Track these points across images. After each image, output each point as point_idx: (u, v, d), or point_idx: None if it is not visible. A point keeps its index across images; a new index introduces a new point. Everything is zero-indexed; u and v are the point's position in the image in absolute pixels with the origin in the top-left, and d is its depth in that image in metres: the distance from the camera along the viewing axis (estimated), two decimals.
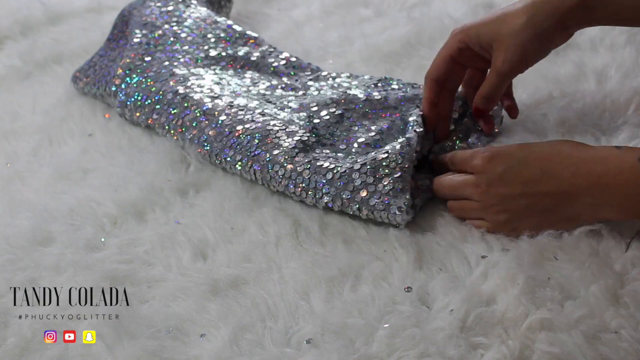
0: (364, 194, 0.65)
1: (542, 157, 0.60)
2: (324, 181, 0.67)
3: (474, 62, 0.71)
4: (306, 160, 0.69)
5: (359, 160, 0.67)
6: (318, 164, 0.68)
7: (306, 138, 0.72)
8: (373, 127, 0.75)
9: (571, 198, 0.58)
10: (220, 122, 0.75)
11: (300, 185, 0.68)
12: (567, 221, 0.59)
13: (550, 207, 0.59)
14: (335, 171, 0.67)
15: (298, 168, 0.69)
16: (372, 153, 0.68)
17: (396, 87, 0.82)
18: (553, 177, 0.58)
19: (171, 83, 0.82)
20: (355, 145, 0.72)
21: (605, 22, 0.69)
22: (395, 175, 0.64)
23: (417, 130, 0.68)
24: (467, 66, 0.72)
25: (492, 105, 0.72)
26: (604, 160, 0.57)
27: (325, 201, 0.67)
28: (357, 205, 0.65)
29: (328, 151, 0.71)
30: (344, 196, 0.66)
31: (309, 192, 0.67)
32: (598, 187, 0.56)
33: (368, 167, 0.65)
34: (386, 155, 0.66)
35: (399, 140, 0.68)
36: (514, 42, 0.65)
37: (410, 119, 0.72)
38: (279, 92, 0.84)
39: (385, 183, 0.64)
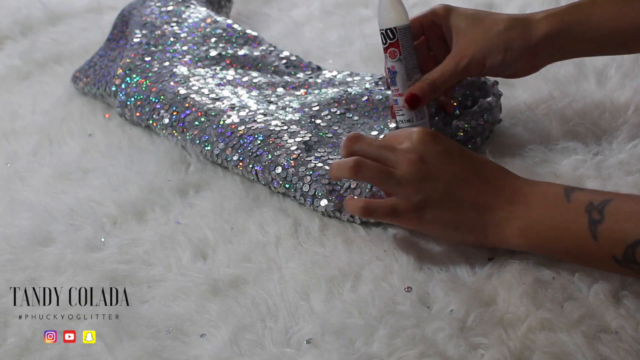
0: (357, 192, 0.66)
1: (482, 162, 0.59)
2: (324, 191, 0.67)
3: (433, 44, 0.70)
4: (308, 166, 0.69)
5: None
6: (320, 173, 0.68)
7: (308, 138, 0.72)
8: (375, 126, 0.76)
9: (487, 209, 0.56)
10: (222, 122, 0.75)
11: (300, 190, 0.68)
12: (472, 231, 0.57)
13: (463, 210, 0.57)
14: (333, 182, 0.67)
15: (300, 172, 0.69)
16: None
17: None
18: (482, 182, 0.57)
19: (172, 83, 0.82)
20: None
21: (581, 50, 0.68)
22: None
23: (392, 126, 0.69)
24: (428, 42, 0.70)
25: (432, 96, 0.67)
26: (534, 183, 0.57)
27: (322, 210, 0.67)
28: None
29: (330, 151, 0.71)
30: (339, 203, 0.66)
31: (307, 199, 0.68)
32: (517, 201, 0.55)
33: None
34: None
35: None
36: (482, 42, 0.65)
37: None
38: (280, 92, 0.84)
39: None
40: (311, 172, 0.68)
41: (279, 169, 0.70)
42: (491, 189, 0.57)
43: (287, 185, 0.69)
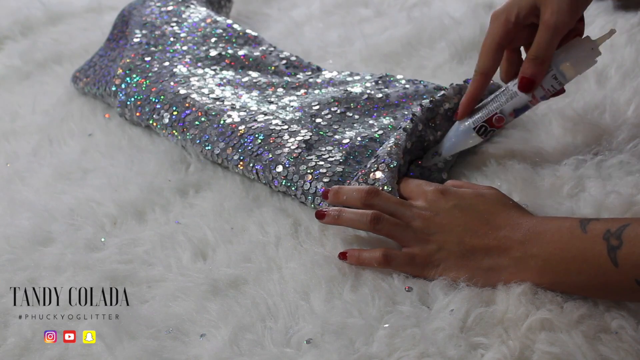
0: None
1: (493, 211, 0.59)
2: (324, 189, 0.67)
3: (523, 38, 0.67)
4: (309, 165, 0.69)
5: (358, 174, 0.67)
6: (321, 171, 0.68)
7: (309, 137, 0.72)
8: (375, 124, 0.76)
9: (501, 252, 0.56)
10: (222, 122, 0.75)
11: (301, 188, 0.68)
12: (487, 272, 0.57)
13: (475, 258, 0.57)
14: (335, 178, 0.67)
15: (300, 170, 0.69)
16: (367, 164, 0.68)
17: (397, 84, 0.82)
18: (493, 228, 0.57)
19: (172, 83, 0.82)
20: (359, 139, 0.72)
21: None
22: (383, 175, 0.65)
23: (408, 127, 0.68)
24: (516, 46, 0.68)
25: (544, 68, 0.64)
26: (548, 220, 0.57)
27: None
28: None
29: (331, 148, 0.71)
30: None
31: (309, 197, 0.68)
32: (531, 239, 0.55)
33: (360, 176, 0.66)
34: (375, 159, 0.67)
35: (389, 142, 0.68)
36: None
37: (405, 121, 0.71)
38: (280, 91, 0.84)
39: (373, 177, 0.65)
40: (312, 171, 0.68)
41: (279, 168, 0.70)
42: (503, 234, 0.57)
43: (287, 184, 0.69)
